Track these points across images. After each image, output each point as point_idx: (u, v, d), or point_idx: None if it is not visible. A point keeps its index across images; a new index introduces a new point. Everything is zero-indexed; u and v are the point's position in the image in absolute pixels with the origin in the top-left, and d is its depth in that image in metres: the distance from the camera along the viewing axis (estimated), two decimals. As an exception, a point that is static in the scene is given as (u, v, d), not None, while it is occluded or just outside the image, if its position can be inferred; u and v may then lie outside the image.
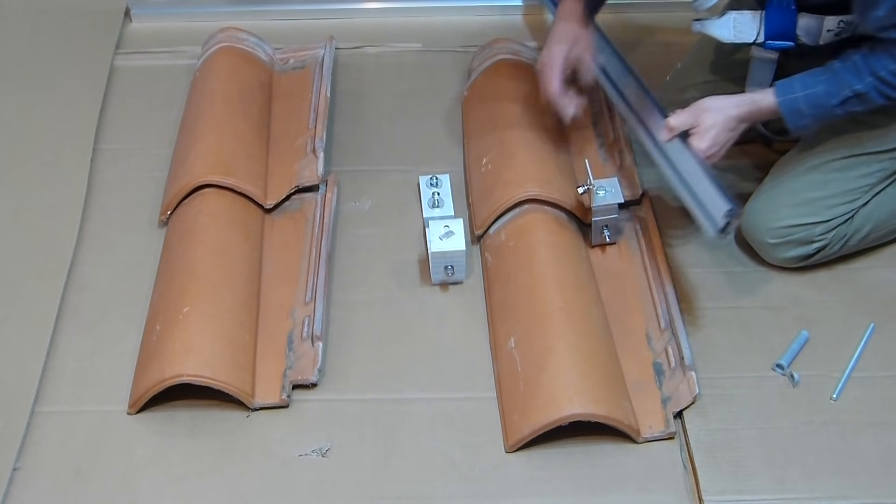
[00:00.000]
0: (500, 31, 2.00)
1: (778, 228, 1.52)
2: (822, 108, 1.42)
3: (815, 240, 1.52)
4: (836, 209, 1.51)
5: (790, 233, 1.51)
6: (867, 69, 1.38)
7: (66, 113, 1.84)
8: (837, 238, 1.52)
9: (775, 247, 1.53)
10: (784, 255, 1.54)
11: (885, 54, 1.36)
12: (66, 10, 2.07)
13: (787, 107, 1.42)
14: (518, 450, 1.36)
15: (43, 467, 1.34)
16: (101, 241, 1.63)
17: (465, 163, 1.76)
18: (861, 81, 1.39)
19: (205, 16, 2.07)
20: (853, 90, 1.39)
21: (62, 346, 1.48)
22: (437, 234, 1.52)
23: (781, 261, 1.55)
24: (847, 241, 1.53)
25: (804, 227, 1.51)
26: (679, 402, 1.39)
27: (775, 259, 1.56)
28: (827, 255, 1.54)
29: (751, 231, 1.56)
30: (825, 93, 1.41)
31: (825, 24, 1.46)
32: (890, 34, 1.35)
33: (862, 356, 1.46)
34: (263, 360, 1.44)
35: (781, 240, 1.52)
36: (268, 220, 1.65)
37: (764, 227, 1.53)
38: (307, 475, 1.33)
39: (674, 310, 1.47)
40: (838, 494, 1.31)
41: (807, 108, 1.42)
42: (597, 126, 1.79)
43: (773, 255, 1.55)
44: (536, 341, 1.41)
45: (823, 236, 1.51)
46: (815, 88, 1.41)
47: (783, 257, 1.54)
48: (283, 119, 1.81)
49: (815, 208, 1.51)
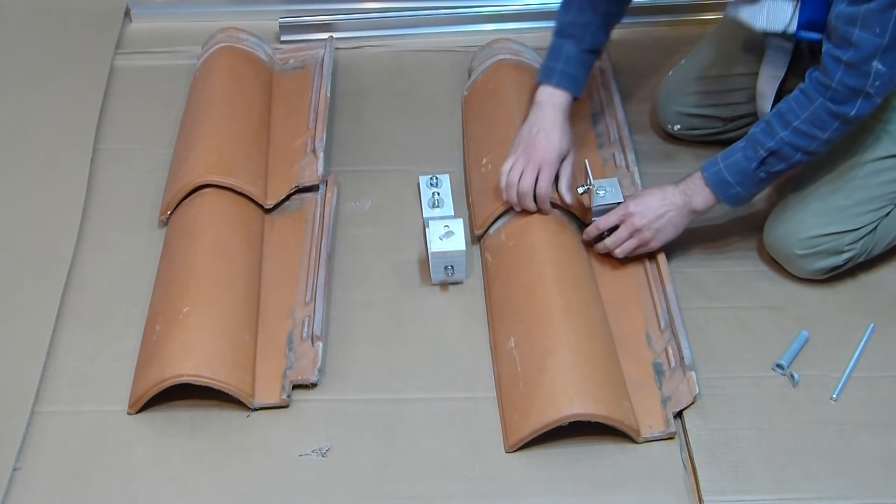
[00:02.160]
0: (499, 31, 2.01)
1: (807, 239, 1.48)
2: (745, 175, 1.43)
3: (844, 250, 1.48)
4: (863, 217, 1.48)
5: (819, 243, 1.48)
6: (780, 124, 1.39)
7: (66, 113, 1.84)
8: (864, 248, 1.50)
9: (804, 258, 1.50)
10: (813, 267, 1.51)
11: (804, 99, 1.37)
12: (66, 10, 2.07)
13: (714, 180, 1.44)
14: (518, 450, 1.36)
15: (43, 467, 1.34)
16: (101, 241, 1.63)
17: (465, 163, 1.75)
18: (773, 139, 1.39)
19: (205, 16, 2.07)
20: (766, 149, 1.40)
21: (62, 346, 1.48)
22: (437, 234, 1.52)
23: (810, 273, 1.52)
24: (871, 251, 1.51)
25: (833, 237, 1.48)
26: (679, 402, 1.39)
27: (804, 271, 1.52)
28: (852, 265, 1.52)
29: (778, 243, 1.53)
30: (743, 158, 1.42)
31: None
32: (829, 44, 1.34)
33: (862, 356, 1.46)
34: (263, 360, 1.44)
35: (810, 251, 1.49)
36: (268, 220, 1.65)
37: (792, 239, 1.50)
38: (307, 475, 1.33)
39: (674, 310, 1.47)
40: (838, 494, 1.31)
41: (731, 176, 1.43)
42: (597, 126, 1.79)
43: (801, 267, 1.52)
44: (536, 341, 1.41)
45: (852, 246, 1.48)
46: (734, 156, 1.43)
47: (812, 269, 1.51)
48: (283, 119, 1.81)
49: (844, 217, 1.48)
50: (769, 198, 1.64)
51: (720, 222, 1.64)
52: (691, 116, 1.73)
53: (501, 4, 2.06)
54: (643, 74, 1.91)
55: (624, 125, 1.75)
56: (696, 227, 1.59)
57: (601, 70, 1.88)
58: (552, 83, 1.56)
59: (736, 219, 1.65)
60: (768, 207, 1.60)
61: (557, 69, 1.57)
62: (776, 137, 1.39)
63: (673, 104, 1.74)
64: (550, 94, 1.57)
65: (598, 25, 1.56)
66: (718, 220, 1.64)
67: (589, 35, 1.56)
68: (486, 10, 2.06)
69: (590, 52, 1.57)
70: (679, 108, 1.73)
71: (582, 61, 1.57)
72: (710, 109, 1.71)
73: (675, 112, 1.74)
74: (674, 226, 1.49)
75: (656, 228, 1.49)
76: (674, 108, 1.74)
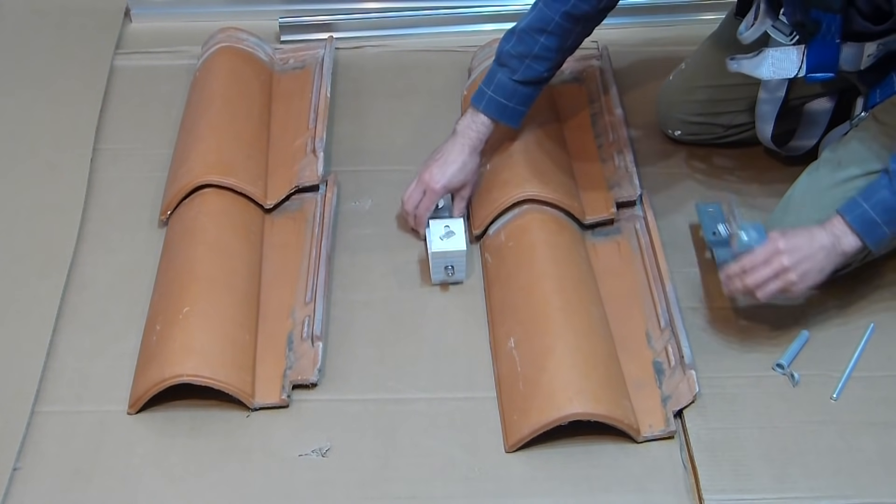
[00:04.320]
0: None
1: None
2: (893, 213, 1.35)
3: None
4: None
5: None
6: None
7: (66, 113, 1.84)
8: (860, 256, 1.47)
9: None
10: None
11: None
12: (65, 10, 2.07)
13: (859, 222, 1.35)
14: (518, 450, 1.36)
15: (43, 467, 1.34)
16: (101, 241, 1.63)
17: (465, 163, 1.75)
18: None
19: (205, 16, 2.06)
20: None
21: (62, 346, 1.48)
22: (437, 234, 1.52)
23: None
24: (866, 257, 1.49)
25: None
26: (679, 401, 1.39)
27: None
28: (847, 271, 1.50)
29: None
30: (890, 195, 1.34)
31: (865, 50, 1.43)
32: None
33: (862, 356, 1.45)
34: (263, 360, 1.44)
35: None
36: (268, 220, 1.65)
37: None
38: (307, 475, 1.33)
39: (674, 309, 1.47)
40: (838, 494, 1.31)
41: (879, 215, 1.35)
42: (596, 126, 1.79)
43: None
44: (536, 341, 1.41)
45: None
46: (879, 194, 1.35)
47: None
48: (283, 119, 1.81)
49: None
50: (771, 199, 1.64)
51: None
52: (692, 124, 1.72)
53: (501, 4, 2.06)
54: (643, 74, 1.91)
55: (623, 125, 1.75)
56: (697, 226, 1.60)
57: (601, 70, 1.89)
58: (480, 108, 1.56)
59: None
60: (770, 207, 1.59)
61: (486, 95, 1.55)
62: None
63: (674, 112, 1.73)
64: (469, 124, 1.56)
65: (533, 59, 1.53)
66: (718, 220, 1.64)
67: (523, 67, 1.53)
68: (486, 10, 2.06)
69: (524, 83, 1.54)
70: (680, 115, 1.73)
71: (514, 92, 1.55)
72: (711, 117, 1.70)
73: (676, 119, 1.74)
74: (820, 269, 1.37)
75: (804, 271, 1.36)
76: (675, 116, 1.74)
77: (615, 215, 1.62)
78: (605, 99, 1.82)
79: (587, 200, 1.64)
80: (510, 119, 1.57)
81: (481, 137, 1.57)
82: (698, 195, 1.68)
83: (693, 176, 1.73)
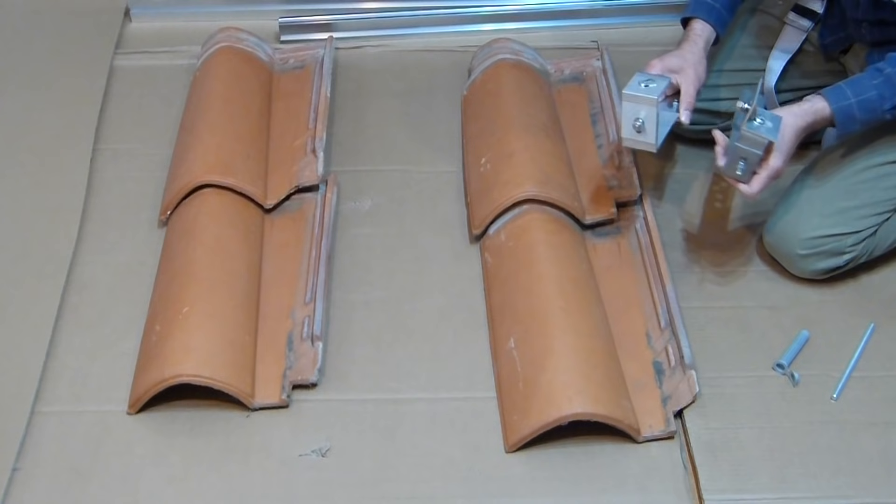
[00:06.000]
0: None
1: (809, 239, 1.48)
2: (874, 113, 1.42)
3: (845, 251, 1.49)
4: (867, 220, 1.48)
5: (822, 244, 1.48)
6: None
7: (66, 113, 1.84)
8: (865, 250, 1.50)
9: (804, 258, 1.50)
10: (813, 268, 1.51)
11: None
12: (65, 10, 2.07)
13: (842, 114, 1.42)
14: (518, 450, 1.36)
15: (43, 467, 1.34)
16: (101, 241, 1.63)
17: (465, 162, 1.75)
18: None
19: (205, 16, 2.06)
20: None
21: (62, 346, 1.48)
22: (638, 82, 1.45)
23: (810, 273, 1.52)
24: (871, 252, 1.52)
25: (835, 238, 1.48)
26: (679, 401, 1.39)
27: (803, 271, 1.52)
28: (852, 266, 1.52)
29: (779, 242, 1.52)
30: (878, 97, 1.41)
31: None
32: None
33: (862, 356, 1.46)
34: (263, 360, 1.44)
35: (812, 251, 1.49)
36: (268, 220, 1.65)
37: (794, 238, 1.49)
38: (307, 475, 1.33)
39: (674, 309, 1.47)
40: (838, 494, 1.31)
41: (860, 113, 1.42)
42: (596, 126, 1.79)
43: (801, 267, 1.52)
44: (536, 341, 1.41)
45: (854, 248, 1.48)
46: (867, 94, 1.41)
47: (813, 269, 1.51)
48: (283, 119, 1.81)
49: (847, 218, 1.48)
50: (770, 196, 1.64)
51: (720, 222, 1.64)
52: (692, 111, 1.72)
53: (501, 4, 2.06)
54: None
55: (623, 125, 1.75)
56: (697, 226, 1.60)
57: (601, 70, 1.89)
58: (688, 13, 1.57)
59: (736, 218, 1.65)
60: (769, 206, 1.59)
61: (691, 2, 1.57)
62: None
63: None
64: (690, 29, 1.56)
65: None
66: (718, 220, 1.64)
67: None
68: (486, 10, 2.06)
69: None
70: None
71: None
72: (711, 103, 1.70)
73: None
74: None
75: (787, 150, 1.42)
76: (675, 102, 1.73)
77: (615, 215, 1.62)
78: (604, 98, 1.82)
79: (587, 200, 1.64)
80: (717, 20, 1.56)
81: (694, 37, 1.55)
82: (699, 195, 1.68)
83: (693, 176, 1.73)
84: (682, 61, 1.52)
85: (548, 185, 1.60)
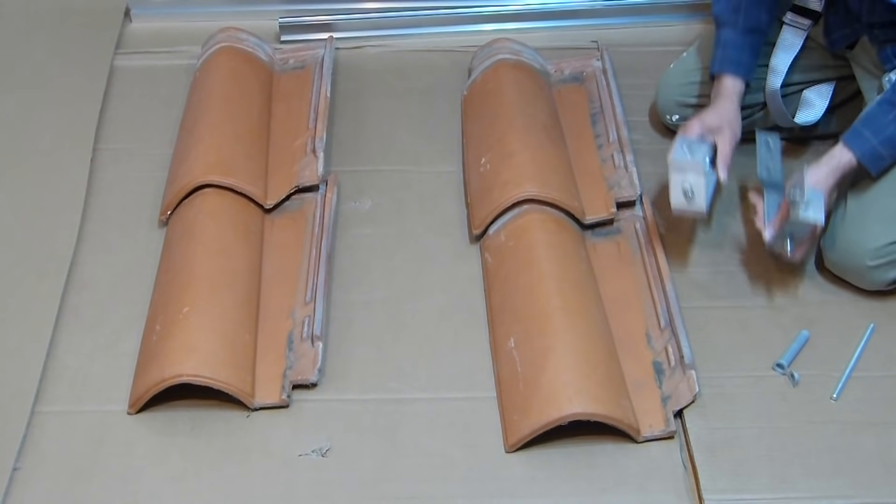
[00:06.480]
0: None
1: (876, 248, 1.44)
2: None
3: None
4: None
5: (890, 251, 1.44)
6: None
7: (66, 113, 1.84)
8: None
9: (875, 269, 1.46)
10: (884, 278, 1.47)
11: None
12: (65, 9, 2.07)
13: (869, 157, 1.42)
14: (518, 450, 1.36)
15: (43, 467, 1.34)
16: (101, 241, 1.63)
17: (465, 162, 1.75)
18: None
19: (205, 16, 2.06)
20: None
21: (62, 346, 1.48)
22: (682, 145, 1.46)
23: (880, 284, 1.48)
24: None
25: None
26: (679, 400, 1.39)
27: (874, 283, 1.48)
28: None
29: (845, 256, 1.48)
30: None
31: None
32: None
33: (862, 356, 1.46)
34: (263, 360, 1.44)
35: (882, 260, 1.44)
36: (268, 220, 1.65)
37: (860, 250, 1.45)
38: (307, 475, 1.33)
39: (674, 309, 1.47)
40: (838, 494, 1.31)
41: (885, 150, 1.42)
42: (595, 126, 1.79)
43: (872, 279, 1.47)
44: (536, 341, 1.41)
45: None
46: (887, 132, 1.41)
47: (883, 280, 1.47)
48: (283, 119, 1.81)
49: None
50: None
51: (720, 221, 1.64)
52: (691, 107, 1.72)
53: (501, 4, 2.06)
54: (643, 74, 1.91)
55: (623, 125, 1.75)
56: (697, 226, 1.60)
57: (601, 70, 1.89)
58: (716, 70, 1.58)
59: (736, 218, 1.65)
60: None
61: (718, 56, 1.58)
62: None
63: (673, 93, 1.73)
64: (721, 85, 1.56)
65: (749, 4, 1.56)
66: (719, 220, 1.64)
67: (742, 17, 1.56)
68: (486, 10, 2.06)
69: (750, 32, 1.57)
70: (679, 97, 1.72)
71: (742, 44, 1.56)
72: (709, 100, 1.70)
73: (674, 102, 1.73)
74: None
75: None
76: (674, 98, 1.73)
77: (615, 215, 1.62)
78: (604, 98, 1.82)
79: (587, 200, 1.64)
80: (742, 70, 1.57)
81: (727, 93, 1.56)
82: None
83: (693, 176, 1.73)
84: (719, 120, 1.53)
85: (548, 185, 1.60)
